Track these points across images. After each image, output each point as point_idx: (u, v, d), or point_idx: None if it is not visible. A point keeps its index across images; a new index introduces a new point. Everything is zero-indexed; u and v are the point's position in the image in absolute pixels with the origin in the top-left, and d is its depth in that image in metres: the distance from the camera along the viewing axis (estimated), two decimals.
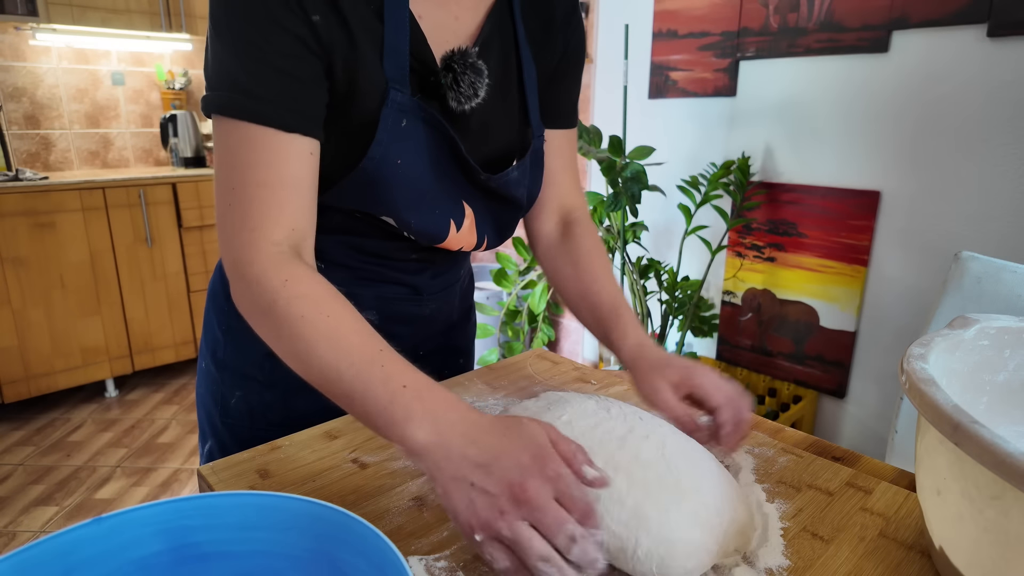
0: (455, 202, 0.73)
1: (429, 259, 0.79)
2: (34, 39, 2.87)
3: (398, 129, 0.65)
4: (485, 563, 0.49)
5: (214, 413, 0.81)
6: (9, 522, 2.02)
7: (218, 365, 0.81)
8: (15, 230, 2.49)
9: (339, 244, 0.73)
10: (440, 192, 0.71)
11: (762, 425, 0.73)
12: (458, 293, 0.90)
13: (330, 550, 0.43)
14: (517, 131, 0.77)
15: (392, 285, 0.78)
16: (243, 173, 0.58)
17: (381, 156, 0.64)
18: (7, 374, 2.57)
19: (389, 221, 0.69)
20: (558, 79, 0.80)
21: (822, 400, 2.17)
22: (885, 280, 1.96)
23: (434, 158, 0.69)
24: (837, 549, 0.52)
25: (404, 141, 0.65)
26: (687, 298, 2.18)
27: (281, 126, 0.58)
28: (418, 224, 0.70)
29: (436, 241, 0.73)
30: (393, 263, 0.77)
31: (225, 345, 0.80)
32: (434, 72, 0.67)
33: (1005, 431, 0.56)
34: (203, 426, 0.85)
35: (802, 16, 1.97)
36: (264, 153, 0.58)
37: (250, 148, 0.58)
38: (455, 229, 0.73)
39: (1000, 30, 1.61)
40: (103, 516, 0.42)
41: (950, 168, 1.77)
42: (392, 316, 0.80)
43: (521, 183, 0.77)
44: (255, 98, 0.57)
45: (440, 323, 0.87)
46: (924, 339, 0.53)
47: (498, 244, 0.81)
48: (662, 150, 2.32)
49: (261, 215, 0.57)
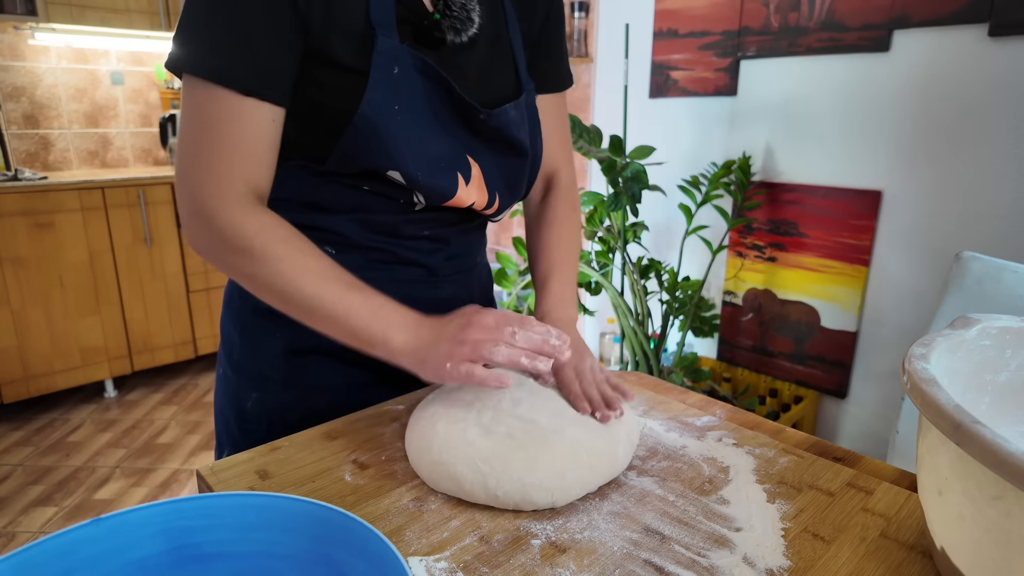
0: (459, 156, 0.73)
1: (442, 237, 0.79)
2: (33, 39, 2.87)
3: (391, 76, 0.65)
4: (482, 563, 0.49)
5: (231, 420, 0.81)
6: (8, 522, 2.02)
7: (234, 368, 0.80)
8: (14, 230, 2.49)
9: (350, 223, 0.73)
10: (443, 144, 0.71)
11: (763, 426, 0.73)
12: (476, 283, 0.89)
13: (330, 551, 0.43)
14: (509, 79, 0.78)
15: (406, 266, 0.78)
16: (208, 130, 0.62)
17: (377, 102, 0.65)
18: (6, 374, 2.57)
19: (396, 177, 0.68)
20: (543, 43, 0.82)
21: (823, 400, 2.17)
22: (886, 280, 1.96)
23: (433, 107, 0.69)
24: (838, 550, 0.52)
25: (399, 89, 0.66)
26: (688, 298, 2.18)
27: (244, 90, 0.61)
28: (425, 178, 0.69)
29: (446, 197, 0.72)
30: (405, 242, 0.76)
31: (241, 346, 0.79)
32: (424, 15, 0.68)
33: (1007, 431, 0.56)
34: (220, 436, 0.84)
35: (803, 15, 1.97)
36: (227, 113, 0.62)
37: (215, 107, 0.61)
38: (463, 183, 0.73)
39: (1001, 30, 1.61)
40: (102, 516, 0.42)
41: (951, 168, 1.77)
42: (407, 300, 0.79)
43: (521, 126, 0.77)
44: (222, 59, 0.60)
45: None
46: (925, 339, 0.53)
47: (510, 204, 0.81)
48: (662, 150, 2.32)
49: (226, 167, 0.63)
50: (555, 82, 0.86)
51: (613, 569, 0.50)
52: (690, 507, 0.57)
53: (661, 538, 0.53)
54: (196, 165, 0.63)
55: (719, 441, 0.69)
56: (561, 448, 0.58)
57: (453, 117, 0.71)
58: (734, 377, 2.36)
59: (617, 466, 0.61)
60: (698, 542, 0.53)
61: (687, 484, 0.61)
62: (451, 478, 0.58)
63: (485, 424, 0.60)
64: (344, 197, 0.72)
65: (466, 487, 0.57)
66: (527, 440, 0.59)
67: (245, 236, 0.62)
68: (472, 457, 0.58)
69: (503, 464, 0.57)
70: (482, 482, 0.57)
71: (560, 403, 0.64)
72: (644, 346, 2.11)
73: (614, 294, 2.09)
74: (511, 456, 0.57)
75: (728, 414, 0.76)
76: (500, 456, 0.57)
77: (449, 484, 0.58)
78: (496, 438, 0.59)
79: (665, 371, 2.17)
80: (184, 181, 0.64)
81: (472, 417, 0.61)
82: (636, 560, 0.51)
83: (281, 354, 0.76)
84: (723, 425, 0.73)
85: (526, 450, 0.58)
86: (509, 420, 0.61)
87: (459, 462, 0.58)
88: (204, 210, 0.63)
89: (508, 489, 0.56)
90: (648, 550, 0.52)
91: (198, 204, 0.63)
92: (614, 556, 0.51)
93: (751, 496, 0.59)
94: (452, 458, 0.58)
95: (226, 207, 0.62)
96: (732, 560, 0.50)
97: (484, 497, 0.57)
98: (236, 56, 0.60)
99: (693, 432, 0.71)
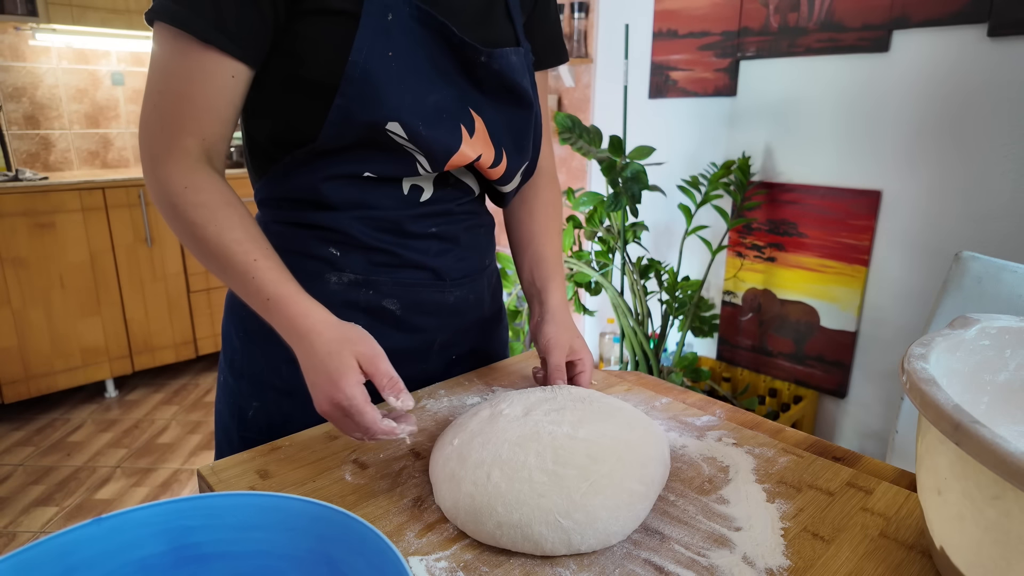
0: (461, 108, 0.71)
1: (451, 236, 0.78)
2: (34, 39, 2.87)
3: (384, 23, 0.64)
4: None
5: (232, 427, 0.80)
6: (9, 522, 2.02)
7: (236, 374, 0.79)
8: (15, 230, 2.49)
9: (353, 221, 0.73)
10: (444, 94, 0.69)
11: (762, 425, 0.73)
12: (486, 286, 0.88)
13: (330, 550, 0.43)
14: (507, 29, 0.76)
15: (412, 269, 0.77)
16: (168, 80, 0.63)
17: (369, 48, 0.64)
18: (7, 374, 2.57)
19: (397, 131, 0.67)
20: (538, 19, 0.82)
21: (823, 400, 2.17)
22: (885, 280, 1.96)
23: (431, 56, 0.68)
24: (838, 549, 0.52)
25: (392, 35, 0.65)
26: (687, 298, 2.18)
27: (203, 38, 0.61)
28: (426, 129, 0.68)
29: (450, 151, 0.70)
30: (412, 242, 0.76)
31: (243, 352, 0.78)
32: None
33: (1006, 431, 0.56)
34: (220, 443, 0.83)
35: (802, 16, 1.97)
36: (188, 64, 0.62)
37: (178, 58, 0.62)
38: (467, 135, 0.72)
39: (1000, 30, 1.61)
40: (103, 516, 0.42)
41: (951, 168, 1.77)
42: (414, 305, 0.78)
43: (524, 73, 0.75)
44: (185, 7, 0.60)
45: (470, 317, 0.85)
46: (925, 339, 0.53)
47: (518, 165, 0.79)
48: (662, 150, 2.32)
49: (178, 122, 0.63)
50: (544, 58, 0.85)
51: (613, 568, 0.50)
52: (690, 506, 0.57)
53: (661, 537, 0.53)
54: (151, 115, 0.64)
55: (719, 441, 0.69)
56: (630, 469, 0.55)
57: (453, 66, 0.70)
58: (734, 377, 2.36)
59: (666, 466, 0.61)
60: (698, 542, 0.53)
61: (687, 484, 0.61)
62: (526, 539, 0.51)
63: (548, 466, 0.54)
64: (344, 191, 0.71)
65: (547, 547, 0.51)
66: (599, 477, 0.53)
67: (173, 192, 0.63)
68: (550, 512, 0.51)
69: (587, 516, 0.51)
70: (565, 539, 0.51)
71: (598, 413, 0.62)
72: (644, 346, 2.12)
73: (614, 294, 2.09)
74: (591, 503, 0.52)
75: (728, 414, 0.76)
76: (583, 508, 0.51)
77: (525, 545, 0.51)
78: (569, 482, 0.53)
79: (665, 371, 2.17)
80: (141, 130, 0.65)
81: (532, 460, 0.54)
82: (636, 560, 0.51)
83: (283, 362, 0.74)
84: (723, 425, 0.73)
85: (603, 494, 0.52)
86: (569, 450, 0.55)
87: (535, 522, 0.51)
88: (149, 159, 0.64)
89: (592, 543, 0.52)
90: (648, 549, 0.52)
91: (146, 153, 0.64)
92: (614, 555, 0.51)
93: (751, 496, 0.59)
94: (527, 519, 0.51)
95: (169, 160, 0.63)
96: (732, 560, 0.50)
97: (565, 552, 0.51)
98: (199, 5, 0.60)
99: (693, 432, 0.71)
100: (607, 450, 0.56)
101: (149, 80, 0.64)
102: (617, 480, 0.54)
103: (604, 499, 0.52)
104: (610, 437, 0.58)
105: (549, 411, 0.61)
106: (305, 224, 0.74)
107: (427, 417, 0.74)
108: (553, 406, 0.62)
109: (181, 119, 0.63)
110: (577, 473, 0.53)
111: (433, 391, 0.80)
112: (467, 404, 0.77)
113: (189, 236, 0.64)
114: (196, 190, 0.63)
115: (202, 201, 0.63)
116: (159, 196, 0.64)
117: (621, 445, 0.57)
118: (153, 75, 0.63)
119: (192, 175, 0.63)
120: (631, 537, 0.53)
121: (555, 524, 0.51)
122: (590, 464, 0.54)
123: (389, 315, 0.77)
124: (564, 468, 0.54)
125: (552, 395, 0.65)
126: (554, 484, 0.52)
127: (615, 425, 0.60)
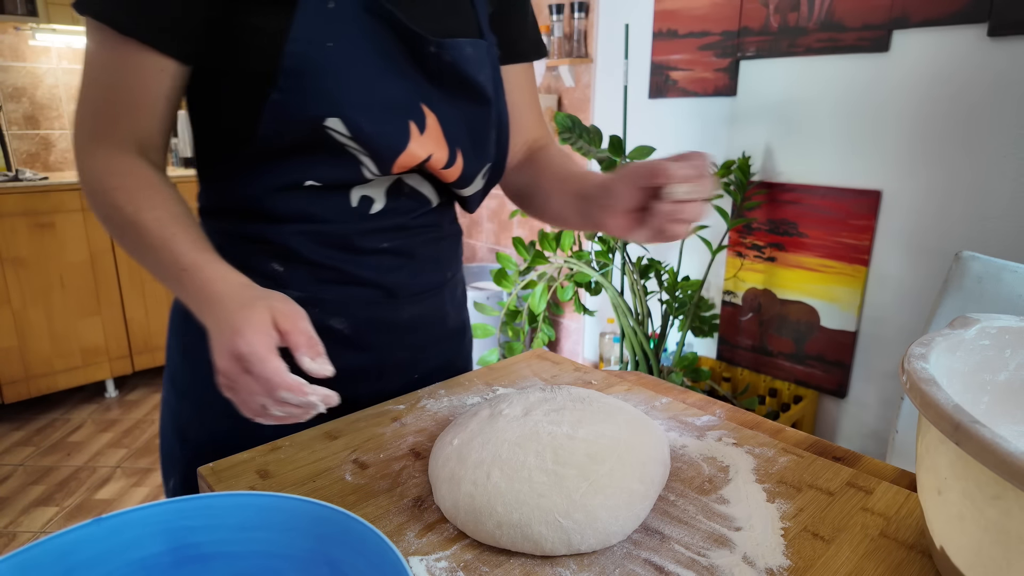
0: (412, 103, 0.66)
1: (405, 250, 0.73)
2: (34, 39, 2.87)
3: (324, 10, 0.60)
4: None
5: (175, 446, 0.77)
6: (9, 522, 2.02)
7: (178, 393, 0.76)
8: (15, 230, 2.49)
9: (297, 235, 0.68)
10: (393, 88, 0.64)
11: (762, 425, 0.73)
12: (448, 300, 0.82)
13: (330, 550, 0.43)
14: (469, 20, 0.71)
15: (360, 287, 0.72)
16: (96, 72, 0.62)
17: (307, 38, 0.59)
18: (7, 374, 2.57)
19: (338, 129, 0.62)
20: (507, 10, 0.77)
21: (823, 400, 2.17)
22: (886, 280, 1.96)
23: (378, 47, 0.63)
24: (838, 549, 0.52)
25: (334, 24, 0.61)
26: (687, 298, 2.18)
27: (127, 34, 0.59)
28: (370, 126, 0.63)
29: (396, 150, 0.65)
30: (362, 258, 0.71)
31: (183, 370, 0.75)
32: None
33: (1006, 431, 0.56)
34: (165, 463, 0.79)
35: (802, 16, 1.97)
36: (113, 57, 0.61)
37: (104, 51, 0.61)
38: (416, 132, 0.66)
39: (1001, 30, 1.61)
40: (103, 516, 0.42)
41: (951, 168, 1.77)
42: (364, 323, 0.74)
43: (481, 69, 0.70)
44: (112, 2, 0.58)
45: (429, 334, 0.81)
46: (925, 339, 0.53)
47: (477, 166, 0.73)
48: (662, 150, 2.31)
49: (106, 114, 0.62)
50: (524, 52, 0.80)
51: (613, 568, 0.50)
52: (690, 506, 0.57)
53: (661, 537, 0.53)
54: (80, 106, 0.63)
55: (719, 440, 0.69)
56: (629, 469, 0.55)
57: (404, 57, 0.65)
58: (734, 377, 2.36)
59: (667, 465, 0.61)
60: (698, 541, 0.53)
61: (687, 483, 0.61)
62: (526, 539, 0.51)
63: (548, 466, 0.54)
64: (288, 202, 0.67)
65: (547, 547, 0.51)
66: (599, 476, 0.53)
67: (96, 177, 0.62)
68: (550, 512, 0.51)
69: (587, 516, 0.51)
70: (565, 539, 0.51)
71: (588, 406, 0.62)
72: (644, 346, 2.12)
73: (614, 294, 2.09)
74: (591, 503, 0.52)
75: (728, 414, 0.76)
76: (582, 508, 0.51)
77: (525, 545, 0.51)
78: (569, 482, 0.53)
79: (665, 371, 2.17)
80: (76, 116, 0.64)
81: (532, 460, 0.54)
82: (636, 559, 0.51)
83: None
84: (723, 425, 0.73)
85: (603, 494, 0.52)
86: (569, 449, 0.55)
87: (535, 522, 0.51)
88: (77, 149, 0.63)
89: (592, 543, 0.51)
90: (648, 549, 0.52)
91: (75, 143, 0.64)
92: (614, 555, 0.51)
93: (751, 495, 0.59)
94: (526, 518, 0.51)
95: (96, 149, 0.62)
96: (732, 559, 0.50)
97: (565, 551, 0.51)
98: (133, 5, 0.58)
99: (693, 431, 0.71)
100: (607, 450, 0.56)
101: (83, 72, 0.63)
102: (617, 480, 0.54)
103: (604, 499, 0.52)
104: (610, 437, 0.58)
105: (549, 411, 0.61)
106: (247, 237, 0.70)
107: (427, 417, 0.74)
108: (553, 406, 0.62)
109: (108, 111, 0.62)
110: (577, 473, 0.53)
111: (433, 391, 0.80)
112: (467, 404, 0.77)
113: (108, 221, 0.62)
114: (118, 174, 0.62)
115: (123, 185, 0.61)
116: (84, 185, 0.63)
117: (621, 445, 0.57)
118: (84, 66, 0.63)
119: (115, 162, 0.62)
120: (631, 537, 0.53)
121: (555, 524, 0.51)
122: (590, 464, 0.54)
123: (337, 334, 0.72)
124: (564, 468, 0.54)
125: (552, 395, 0.65)
126: (554, 484, 0.52)
127: (615, 425, 0.60)
